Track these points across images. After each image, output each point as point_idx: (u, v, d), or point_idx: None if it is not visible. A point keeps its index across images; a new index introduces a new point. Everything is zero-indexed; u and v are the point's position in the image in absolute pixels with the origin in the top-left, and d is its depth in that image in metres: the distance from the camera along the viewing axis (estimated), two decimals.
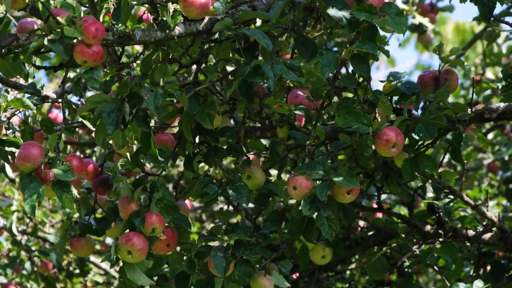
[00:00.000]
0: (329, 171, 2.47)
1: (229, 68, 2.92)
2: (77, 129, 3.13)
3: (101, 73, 2.37)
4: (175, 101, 2.44)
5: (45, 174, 2.40)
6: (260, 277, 2.60)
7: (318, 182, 2.48)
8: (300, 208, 2.48)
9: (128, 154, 2.68)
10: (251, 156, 2.85)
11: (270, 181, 2.88)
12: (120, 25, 2.63)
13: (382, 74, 8.92)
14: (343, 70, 2.64)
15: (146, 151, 2.51)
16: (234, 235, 2.55)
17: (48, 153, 2.43)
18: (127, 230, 2.50)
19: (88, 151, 4.04)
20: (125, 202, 2.56)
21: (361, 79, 2.57)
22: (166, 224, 2.59)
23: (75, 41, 2.32)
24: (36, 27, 2.44)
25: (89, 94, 3.96)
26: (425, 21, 4.64)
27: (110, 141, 2.66)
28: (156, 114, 2.41)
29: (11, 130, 2.55)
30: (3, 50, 2.29)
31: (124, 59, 2.72)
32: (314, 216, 2.46)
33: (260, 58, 2.56)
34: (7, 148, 2.50)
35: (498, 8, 2.83)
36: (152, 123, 2.60)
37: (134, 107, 2.44)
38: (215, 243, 2.65)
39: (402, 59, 15.05)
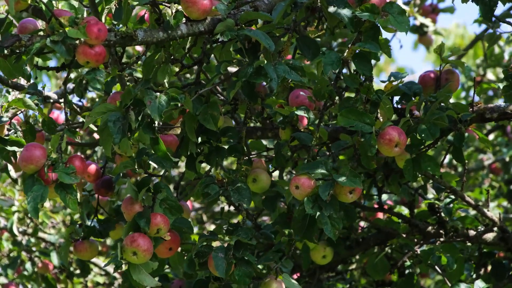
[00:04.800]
0: (331, 170, 2.47)
1: (231, 69, 2.91)
2: (78, 130, 3.13)
3: (104, 73, 2.36)
4: (179, 105, 2.43)
5: (48, 176, 2.39)
6: (272, 280, 2.61)
7: (320, 181, 2.48)
8: (302, 207, 2.48)
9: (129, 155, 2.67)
10: (257, 159, 2.84)
11: (277, 183, 2.87)
12: (121, 25, 2.62)
13: None
14: (345, 71, 2.64)
15: (157, 155, 2.49)
16: (235, 237, 2.55)
17: (50, 154, 2.42)
18: (131, 231, 2.49)
19: (88, 151, 4.04)
20: (129, 203, 2.54)
21: (363, 79, 2.57)
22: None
23: (77, 41, 2.31)
24: (37, 27, 2.42)
25: (90, 94, 3.97)
26: (426, 21, 4.64)
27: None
28: (160, 120, 2.38)
29: (12, 130, 2.54)
30: (5, 51, 2.27)
31: (124, 59, 2.71)
32: (316, 215, 2.45)
33: (262, 57, 2.55)
34: (9, 148, 2.49)
35: (500, 9, 2.83)
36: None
37: (140, 114, 2.42)
38: (216, 243, 2.65)
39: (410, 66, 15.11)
